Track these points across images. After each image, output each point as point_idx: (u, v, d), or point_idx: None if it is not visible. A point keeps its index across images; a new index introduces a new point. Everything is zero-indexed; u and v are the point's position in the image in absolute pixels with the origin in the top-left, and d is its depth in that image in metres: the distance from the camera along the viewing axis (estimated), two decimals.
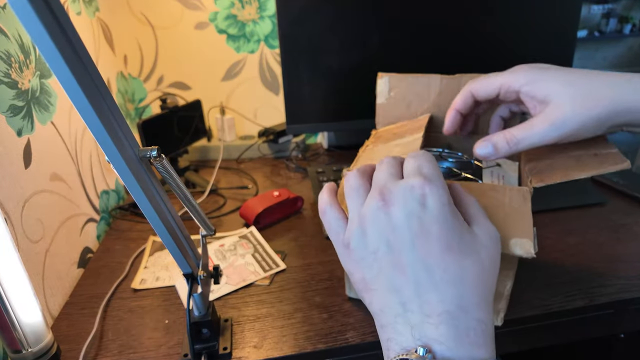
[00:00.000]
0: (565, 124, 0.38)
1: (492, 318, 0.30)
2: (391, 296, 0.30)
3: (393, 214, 0.31)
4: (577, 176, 0.40)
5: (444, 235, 0.30)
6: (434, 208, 0.30)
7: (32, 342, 0.43)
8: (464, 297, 0.29)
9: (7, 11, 0.52)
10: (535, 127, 0.39)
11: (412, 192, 0.31)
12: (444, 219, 0.30)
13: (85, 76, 0.30)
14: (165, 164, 0.38)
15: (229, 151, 1.04)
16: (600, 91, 0.37)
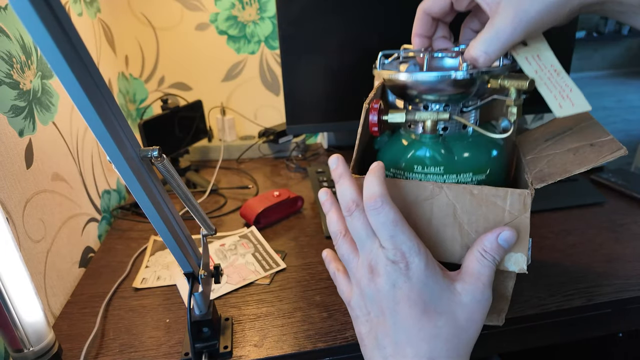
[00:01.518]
0: (524, 18, 0.36)
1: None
2: (377, 352, 0.37)
3: (380, 285, 0.37)
4: (576, 170, 0.38)
5: (421, 299, 0.36)
6: (415, 278, 0.36)
7: (33, 341, 0.44)
8: (435, 351, 0.35)
9: (9, 12, 0.53)
10: (499, 30, 0.37)
11: (394, 267, 0.36)
12: (422, 285, 0.36)
13: (87, 77, 0.30)
14: (166, 164, 0.39)
15: (230, 151, 1.05)
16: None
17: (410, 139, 0.45)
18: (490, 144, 0.43)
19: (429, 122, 0.41)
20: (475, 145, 0.43)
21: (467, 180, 0.42)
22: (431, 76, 0.40)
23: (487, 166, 0.42)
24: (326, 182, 0.80)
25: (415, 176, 0.43)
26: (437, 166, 0.42)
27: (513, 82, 0.37)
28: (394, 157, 0.44)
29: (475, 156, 0.42)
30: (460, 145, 0.43)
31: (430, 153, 0.42)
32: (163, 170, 0.39)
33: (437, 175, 0.42)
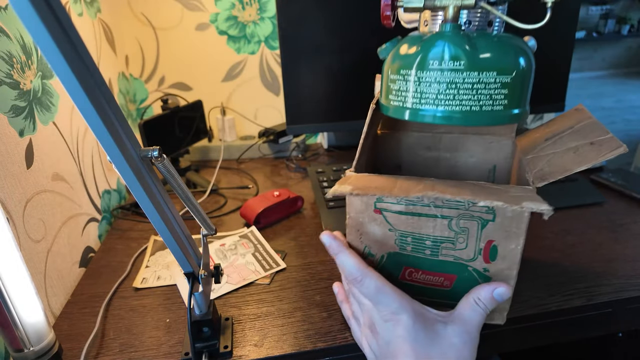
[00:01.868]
0: None
1: None
2: None
3: (379, 342, 0.42)
4: (577, 169, 0.39)
5: (414, 350, 0.40)
6: (404, 333, 0.40)
7: (33, 341, 0.44)
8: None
9: (9, 12, 0.53)
10: None
11: (387, 325, 0.41)
12: (413, 339, 0.40)
13: (87, 77, 0.30)
14: (166, 164, 0.39)
15: (230, 151, 1.05)
16: None
17: (426, 35, 0.40)
18: (518, 47, 0.39)
19: (451, 8, 0.37)
20: (502, 44, 0.38)
21: (490, 81, 0.37)
22: None
23: (513, 68, 0.38)
24: (326, 182, 0.80)
25: (430, 74, 0.38)
26: (457, 61, 0.37)
27: None
28: (405, 57, 0.40)
29: (501, 54, 0.38)
30: (485, 41, 0.38)
31: (450, 45, 0.37)
32: (163, 170, 0.39)
33: (456, 71, 0.37)
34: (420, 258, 0.45)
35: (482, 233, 0.42)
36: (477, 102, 0.37)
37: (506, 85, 0.37)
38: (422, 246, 0.44)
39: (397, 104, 0.42)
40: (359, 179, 0.43)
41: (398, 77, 0.40)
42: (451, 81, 0.37)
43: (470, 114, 0.38)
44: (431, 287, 0.47)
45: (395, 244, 0.45)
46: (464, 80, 0.37)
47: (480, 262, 0.43)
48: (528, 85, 0.40)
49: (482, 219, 0.41)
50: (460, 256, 0.44)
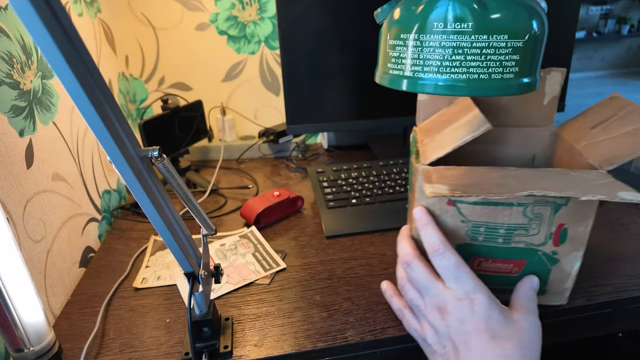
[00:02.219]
0: None
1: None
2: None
3: (450, 322, 0.42)
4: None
5: (490, 328, 0.40)
6: (480, 311, 0.41)
7: (33, 341, 0.44)
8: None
9: (9, 12, 0.53)
10: None
11: (461, 304, 0.41)
12: (488, 317, 0.41)
13: (87, 77, 0.30)
14: (166, 164, 0.39)
15: (230, 151, 1.05)
16: None
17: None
18: (531, 7, 0.35)
19: None
20: (513, 3, 0.34)
21: (500, 45, 0.34)
22: None
23: (526, 30, 0.34)
24: (326, 181, 0.80)
25: (434, 38, 0.34)
26: (464, 22, 0.33)
27: None
28: (405, 20, 0.36)
29: (514, 15, 0.34)
30: (496, 1, 0.34)
31: (456, 4, 0.33)
32: (163, 170, 0.39)
33: (464, 34, 0.33)
34: (492, 247, 0.46)
35: (555, 218, 0.43)
36: (485, 69, 0.34)
37: (518, 50, 0.34)
38: (495, 235, 0.45)
39: (396, 73, 0.38)
40: (441, 173, 0.43)
41: (397, 42, 0.36)
42: (457, 45, 0.33)
43: (477, 82, 0.34)
44: (499, 274, 0.48)
45: (466, 234, 0.46)
46: (472, 44, 0.33)
47: (549, 245, 0.45)
48: (540, 50, 0.36)
49: (555, 204, 0.43)
50: (532, 242, 0.45)
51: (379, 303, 0.53)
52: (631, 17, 5.07)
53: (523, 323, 0.42)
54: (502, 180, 0.41)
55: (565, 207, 0.43)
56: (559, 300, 0.50)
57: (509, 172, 0.43)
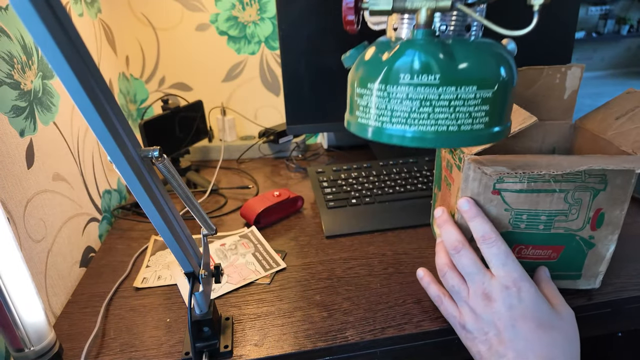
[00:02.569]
0: None
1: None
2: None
3: (496, 308, 0.42)
4: None
5: (537, 316, 0.41)
6: (527, 299, 0.42)
7: (34, 340, 0.44)
8: (554, 357, 0.40)
9: (10, 12, 0.53)
10: None
11: (509, 291, 0.42)
12: (536, 305, 0.42)
13: (88, 77, 0.30)
14: (166, 164, 0.39)
15: (230, 151, 1.05)
16: None
17: (395, 42, 0.34)
18: (500, 55, 0.34)
19: (423, 11, 0.31)
20: (482, 53, 0.33)
21: (469, 97, 0.32)
22: None
23: (495, 80, 0.33)
24: (326, 181, 0.81)
25: (400, 90, 0.33)
26: (431, 74, 0.31)
27: None
28: (371, 67, 0.34)
29: (482, 65, 0.32)
30: (463, 50, 0.33)
31: (422, 55, 0.31)
32: (164, 170, 0.39)
33: (431, 86, 0.32)
34: (533, 234, 0.48)
35: (593, 202, 0.46)
36: (454, 121, 0.32)
37: (488, 100, 0.33)
38: (537, 222, 0.48)
39: (363, 122, 0.36)
40: (491, 159, 0.45)
41: (364, 91, 0.35)
42: (425, 98, 0.32)
43: (446, 134, 0.33)
44: (538, 260, 0.50)
45: (509, 222, 0.48)
46: (440, 96, 0.32)
47: (587, 230, 0.48)
48: (510, 97, 0.35)
49: (594, 189, 0.45)
50: (571, 227, 0.48)
51: (378, 303, 0.53)
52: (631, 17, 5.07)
53: (564, 313, 0.43)
54: (553, 161, 0.43)
55: (604, 192, 0.46)
56: (593, 284, 0.52)
57: (555, 156, 0.45)
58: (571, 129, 0.59)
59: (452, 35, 0.34)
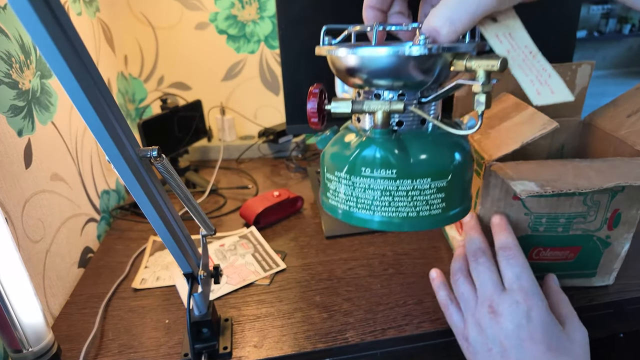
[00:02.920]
0: None
1: None
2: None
3: (503, 324, 0.40)
4: None
5: (546, 339, 0.39)
6: (537, 319, 0.39)
7: (32, 341, 0.43)
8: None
9: (8, 11, 0.53)
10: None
11: (518, 307, 0.40)
12: (545, 327, 0.39)
13: (86, 76, 0.30)
14: (165, 164, 0.38)
15: (229, 151, 1.04)
16: None
17: (358, 135, 0.37)
18: (453, 144, 0.36)
19: (379, 113, 0.34)
20: (435, 145, 0.36)
21: (424, 187, 0.35)
22: (377, 52, 0.32)
23: (448, 171, 0.35)
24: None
25: (363, 181, 0.35)
26: (388, 169, 0.34)
27: (481, 62, 0.30)
28: (338, 158, 0.37)
29: (435, 158, 0.35)
30: (418, 144, 0.35)
31: (380, 152, 0.35)
32: (162, 170, 0.39)
33: (389, 179, 0.35)
34: (551, 236, 0.49)
35: (611, 204, 0.47)
36: (413, 208, 0.35)
37: (443, 189, 0.35)
38: (556, 225, 0.49)
39: (333, 204, 0.38)
40: (515, 168, 0.44)
41: (332, 178, 0.37)
42: (384, 189, 0.35)
43: (408, 219, 0.36)
44: (556, 262, 0.52)
45: (528, 226, 0.49)
46: (398, 188, 0.35)
47: (604, 230, 0.49)
48: (467, 180, 0.37)
49: (612, 191, 0.46)
50: (589, 228, 0.49)
51: (379, 304, 0.53)
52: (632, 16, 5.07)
53: (575, 334, 0.41)
54: (580, 172, 0.43)
55: (622, 193, 0.47)
56: (607, 280, 0.53)
57: (578, 163, 0.45)
58: (580, 126, 0.60)
59: (408, 129, 0.36)
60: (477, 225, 0.48)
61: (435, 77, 0.33)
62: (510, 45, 0.32)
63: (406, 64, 0.32)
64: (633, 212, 0.48)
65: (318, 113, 0.35)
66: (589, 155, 0.58)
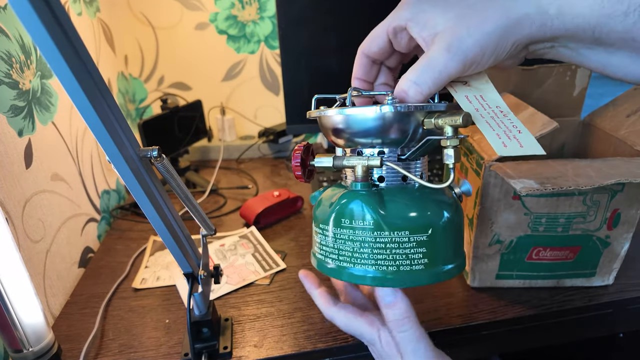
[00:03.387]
0: (461, 48, 0.32)
1: None
2: None
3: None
4: None
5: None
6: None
7: (32, 341, 0.44)
8: None
9: (8, 11, 0.53)
10: (432, 59, 0.32)
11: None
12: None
13: (86, 76, 0.30)
14: (165, 164, 0.38)
15: (229, 151, 1.05)
16: (487, 3, 0.32)
17: (342, 189, 0.39)
18: (437, 200, 0.37)
19: (358, 167, 0.36)
20: (415, 199, 0.36)
21: (403, 240, 0.35)
22: (348, 112, 0.35)
23: (428, 225, 0.35)
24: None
25: (343, 232, 0.36)
26: (365, 220, 0.35)
27: (447, 118, 0.31)
28: (322, 211, 0.39)
29: (413, 211, 0.35)
30: (397, 197, 0.36)
31: (358, 204, 0.36)
32: (162, 170, 0.39)
33: (367, 230, 0.35)
34: (551, 236, 0.50)
35: (611, 203, 0.47)
36: (392, 262, 0.35)
37: (423, 243, 0.35)
38: (556, 224, 0.49)
39: (320, 257, 0.39)
40: (515, 168, 0.44)
41: (319, 231, 0.39)
42: (363, 240, 0.35)
43: (388, 274, 0.35)
44: (556, 261, 0.52)
45: (528, 226, 0.49)
46: (376, 239, 0.35)
47: (604, 230, 0.49)
48: (453, 238, 0.37)
49: (612, 190, 0.47)
50: (588, 228, 0.49)
51: None
52: None
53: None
54: (579, 171, 0.43)
55: (621, 193, 0.47)
56: (607, 280, 0.53)
57: (578, 163, 0.45)
58: (580, 126, 0.60)
59: (392, 185, 0.37)
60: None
61: (410, 135, 0.35)
62: (480, 104, 0.34)
63: (379, 123, 0.34)
64: (633, 212, 0.48)
65: (302, 168, 0.37)
66: (589, 155, 0.58)
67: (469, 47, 0.32)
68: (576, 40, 0.32)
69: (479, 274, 0.53)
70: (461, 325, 0.50)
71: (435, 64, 0.32)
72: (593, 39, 0.31)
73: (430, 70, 0.33)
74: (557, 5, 0.30)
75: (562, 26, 0.31)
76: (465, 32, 0.32)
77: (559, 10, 0.31)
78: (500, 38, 0.32)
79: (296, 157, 0.37)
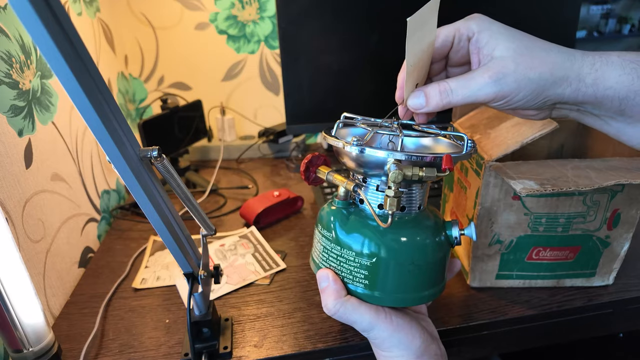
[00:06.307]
0: (504, 80, 0.35)
1: None
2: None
3: None
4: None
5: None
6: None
7: (33, 341, 0.43)
8: None
9: (8, 11, 0.53)
10: (474, 79, 0.36)
11: None
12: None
13: (86, 76, 0.30)
14: (165, 164, 0.38)
15: (229, 151, 1.05)
16: (542, 53, 0.35)
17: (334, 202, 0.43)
18: (392, 235, 0.38)
19: (340, 188, 0.40)
20: (370, 229, 0.38)
21: (350, 258, 0.39)
22: (334, 146, 0.38)
23: (372, 256, 0.38)
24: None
25: (317, 234, 0.42)
26: (328, 231, 0.40)
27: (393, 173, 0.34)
28: (319, 216, 0.43)
29: (360, 237, 0.38)
30: (356, 220, 0.39)
31: (328, 216, 0.41)
32: (163, 170, 0.39)
33: (327, 239, 0.40)
34: (551, 236, 0.50)
35: (611, 203, 0.48)
36: (340, 272, 0.40)
37: (366, 267, 0.38)
38: (555, 224, 0.49)
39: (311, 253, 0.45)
40: (514, 168, 0.45)
41: (316, 232, 0.44)
42: (325, 246, 0.41)
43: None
44: (556, 261, 0.52)
45: (528, 226, 0.50)
46: (332, 249, 0.40)
47: (604, 230, 0.50)
48: (406, 275, 0.38)
49: (612, 190, 0.47)
50: (588, 228, 0.49)
51: None
52: (632, 16, 5.07)
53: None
54: (579, 171, 0.43)
55: (621, 193, 0.47)
56: (607, 280, 0.54)
57: (577, 163, 0.45)
58: (579, 126, 0.60)
59: (365, 207, 0.40)
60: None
61: (384, 171, 0.36)
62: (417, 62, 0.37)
63: (353, 158, 0.37)
64: (632, 212, 0.48)
65: (306, 171, 0.42)
66: (589, 155, 0.58)
67: (509, 83, 0.35)
68: (602, 109, 0.36)
69: (479, 274, 0.54)
70: (461, 325, 0.50)
71: (474, 83, 0.36)
72: (619, 110, 0.35)
73: (466, 87, 0.36)
74: (594, 77, 0.34)
75: (593, 95, 0.35)
76: (513, 69, 0.35)
77: (595, 81, 0.34)
78: (537, 87, 0.35)
79: (306, 159, 0.42)
